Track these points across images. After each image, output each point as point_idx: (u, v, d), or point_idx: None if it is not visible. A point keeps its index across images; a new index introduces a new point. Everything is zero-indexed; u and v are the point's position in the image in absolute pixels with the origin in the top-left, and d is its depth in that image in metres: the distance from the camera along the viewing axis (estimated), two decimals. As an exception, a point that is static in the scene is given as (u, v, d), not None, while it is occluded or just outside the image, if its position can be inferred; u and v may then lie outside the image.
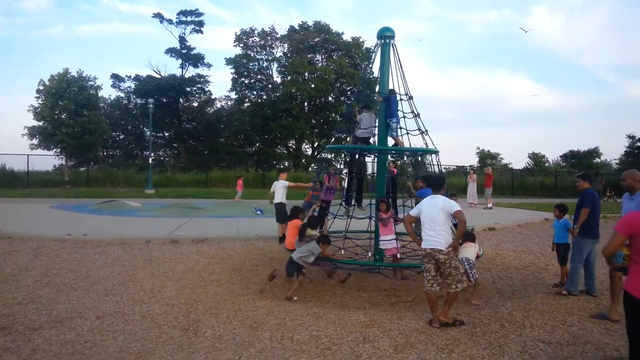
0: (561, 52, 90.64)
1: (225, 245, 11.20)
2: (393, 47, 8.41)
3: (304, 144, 48.22)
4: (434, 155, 8.43)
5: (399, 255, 8.40)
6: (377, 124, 8.65)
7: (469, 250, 7.10)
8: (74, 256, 9.87)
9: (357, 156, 9.64)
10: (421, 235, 5.92)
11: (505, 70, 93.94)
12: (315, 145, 48.82)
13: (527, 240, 13.26)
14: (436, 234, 5.68)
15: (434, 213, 5.74)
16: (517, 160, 78.06)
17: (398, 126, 8.29)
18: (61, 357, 4.75)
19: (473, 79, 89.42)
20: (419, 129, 8.34)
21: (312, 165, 36.01)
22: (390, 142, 8.44)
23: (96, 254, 10.11)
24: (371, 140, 8.83)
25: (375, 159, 8.80)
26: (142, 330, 5.51)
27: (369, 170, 9.71)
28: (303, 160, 47.22)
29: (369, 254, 8.59)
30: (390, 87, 8.41)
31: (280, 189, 9.28)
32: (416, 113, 8.39)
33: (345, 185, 9.78)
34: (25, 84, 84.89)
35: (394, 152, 8.65)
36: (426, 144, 8.34)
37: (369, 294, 7.59)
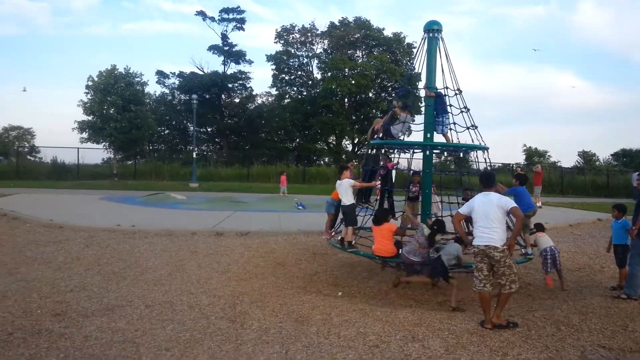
0: (610, 47, 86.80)
1: (269, 239, 11.24)
2: (441, 40, 8.16)
3: (344, 140, 48.10)
4: (482, 152, 8.14)
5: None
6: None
7: (547, 239, 7.60)
8: (123, 246, 10.13)
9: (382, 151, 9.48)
10: (472, 234, 5.72)
11: (551, 67, 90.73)
12: (355, 142, 48.61)
13: (579, 240, 12.71)
14: (491, 231, 5.48)
15: (489, 210, 5.53)
16: (566, 158, 75.43)
17: (448, 123, 8.09)
18: (112, 344, 4.83)
19: (516, 75, 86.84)
20: (470, 125, 8.07)
21: (354, 161, 35.79)
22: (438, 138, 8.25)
23: (144, 245, 10.34)
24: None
25: (421, 154, 8.58)
26: (190, 321, 5.56)
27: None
28: (343, 156, 47.07)
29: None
30: (439, 82, 8.18)
31: (346, 188, 8.28)
32: (466, 108, 8.12)
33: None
34: (74, 80, 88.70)
35: (443, 147, 8.41)
36: (477, 140, 8.07)
37: (416, 292, 7.41)
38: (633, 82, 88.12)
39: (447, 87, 8.12)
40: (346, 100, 45.88)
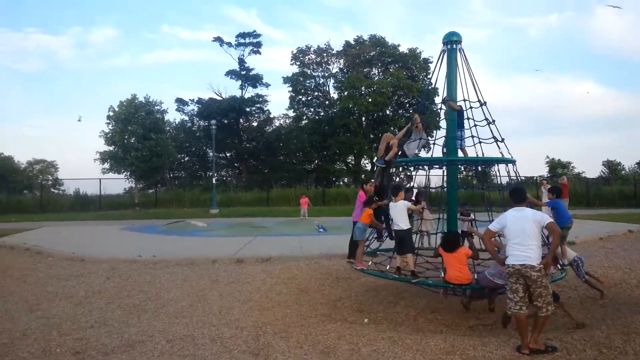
0: (628, 52, 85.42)
1: (290, 265, 11.02)
2: (461, 52, 7.98)
3: (362, 159, 47.96)
4: (510, 165, 7.85)
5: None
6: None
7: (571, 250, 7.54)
8: (144, 277, 10.02)
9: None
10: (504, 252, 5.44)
11: (569, 76, 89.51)
12: (374, 160, 48.40)
13: (611, 254, 12.18)
14: (526, 249, 5.20)
15: (525, 226, 5.26)
16: (591, 168, 73.80)
17: (464, 137, 7.88)
18: (133, 384, 4.66)
19: (534, 86, 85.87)
20: (495, 137, 7.81)
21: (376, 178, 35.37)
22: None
23: (165, 275, 10.22)
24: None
25: (444, 170, 8.35)
26: (213, 355, 5.36)
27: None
28: (362, 176, 46.85)
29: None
30: (459, 94, 7.96)
31: (402, 211, 7.47)
32: (491, 120, 7.87)
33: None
34: (95, 111, 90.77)
35: (468, 162, 8.14)
36: (505, 153, 7.79)
37: (445, 316, 7.10)
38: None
39: (465, 100, 7.89)
40: (363, 118, 45.88)
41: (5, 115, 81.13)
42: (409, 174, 9.57)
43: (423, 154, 11.45)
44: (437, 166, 8.67)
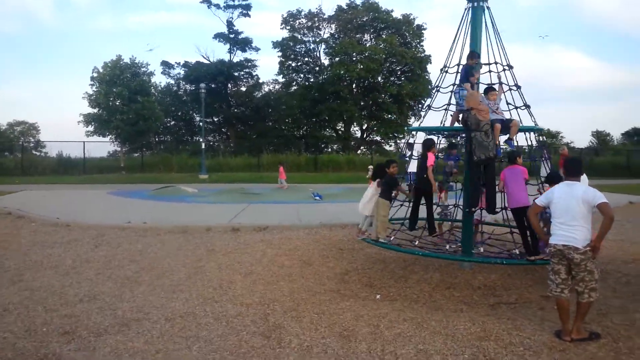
0: (619, 24, 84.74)
1: (289, 234, 10.49)
2: (487, 10, 7.28)
3: (352, 127, 47.23)
4: (533, 134, 7.30)
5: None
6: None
7: None
8: (135, 246, 9.43)
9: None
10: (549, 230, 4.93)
11: (558, 45, 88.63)
12: (364, 128, 47.70)
13: (620, 227, 11.81)
14: (572, 229, 4.68)
15: (572, 203, 4.72)
16: (579, 139, 73.97)
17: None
18: (131, 370, 4.12)
19: (523, 55, 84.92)
20: (523, 104, 7.22)
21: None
22: None
23: (157, 243, 9.63)
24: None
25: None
26: (219, 338, 4.82)
27: None
28: (352, 143, 46.26)
29: (447, 245, 7.60)
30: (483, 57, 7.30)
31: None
32: (516, 85, 7.26)
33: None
34: (79, 73, 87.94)
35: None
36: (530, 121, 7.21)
37: (462, 293, 6.64)
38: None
39: (496, 62, 7.24)
40: (354, 85, 44.91)
41: (-17, 76, 78.10)
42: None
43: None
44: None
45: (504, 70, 7.27)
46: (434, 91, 7.95)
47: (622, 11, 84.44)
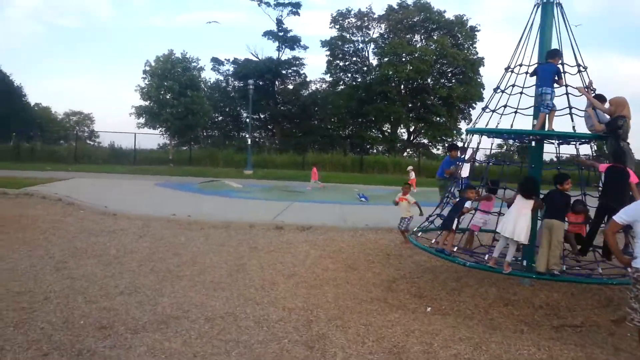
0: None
1: (334, 235, 10.14)
2: (558, 7, 6.68)
3: (399, 128, 46.42)
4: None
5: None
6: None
7: None
8: (178, 238, 9.33)
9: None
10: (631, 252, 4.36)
11: (616, 53, 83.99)
12: (411, 130, 46.81)
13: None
14: None
15: None
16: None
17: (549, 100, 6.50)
18: (167, 373, 3.88)
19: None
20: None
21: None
22: None
23: (201, 237, 9.51)
24: None
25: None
26: (259, 344, 4.53)
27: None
28: (398, 145, 45.50)
29: (486, 256, 6.93)
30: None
31: None
32: (591, 88, 6.62)
33: None
34: (133, 67, 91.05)
35: (562, 137, 6.84)
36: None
37: (521, 311, 6.10)
38: None
39: (563, 63, 6.58)
40: (402, 86, 44.14)
41: (46, 68, 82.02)
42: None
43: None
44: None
45: (579, 71, 6.64)
46: (498, 92, 7.36)
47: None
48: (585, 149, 8.01)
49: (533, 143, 6.93)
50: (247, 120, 36.37)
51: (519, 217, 5.86)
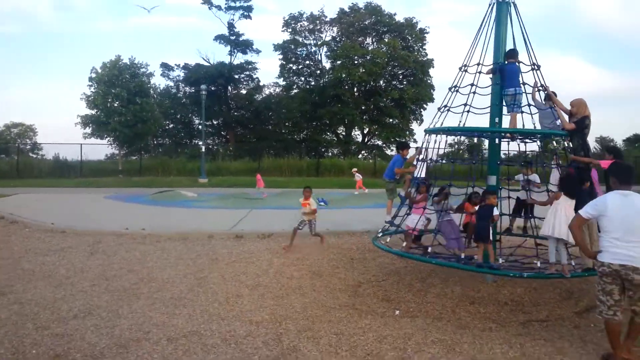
0: (618, 31, 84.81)
1: (295, 242, 9.95)
2: (513, 6, 6.82)
3: (353, 131, 46.75)
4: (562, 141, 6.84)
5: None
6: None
7: None
8: (133, 254, 8.91)
9: None
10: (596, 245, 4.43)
11: (557, 51, 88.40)
12: (365, 132, 47.22)
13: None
14: (630, 246, 4.14)
15: (631, 217, 4.18)
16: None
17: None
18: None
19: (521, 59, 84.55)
20: (550, 106, 6.74)
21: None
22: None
23: (157, 251, 9.12)
24: None
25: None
26: (228, 363, 4.32)
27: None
28: (353, 147, 45.78)
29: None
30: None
31: None
32: (543, 87, 6.78)
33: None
34: (78, 75, 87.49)
35: (513, 133, 7.01)
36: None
37: (488, 309, 6.14)
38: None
39: (519, 62, 6.74)
40: (356, 89, 44.49)
41: (-20, 77, 77.59)
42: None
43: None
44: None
45: (533, 69, 6.79)
46: (452, 91, 7.43)
47: (618, 17, 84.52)
48: (532, 146, 8.32)
49: (497, 140, 7.06)
50: (200, 127, 35.51)
51: (568, 217, 5.44)
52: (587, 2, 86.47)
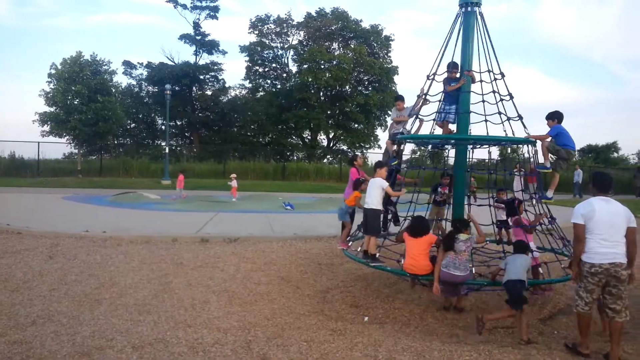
0: (573, 45, 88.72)
1: (263, 247, 9.89)
2: (479, 16, 6.99)
3: (319, 135, 46.83)
4: (529, 147, 7.05)
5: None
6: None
7: None
8: (93, 257, 8.62)
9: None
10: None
11: (515, 64, 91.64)
12: (331, 136, 47.40)
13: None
14: (615, 245, 4.59)
15: (617, 221, 4.63)
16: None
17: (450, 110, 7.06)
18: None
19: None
20: (517, 115, 6.94)
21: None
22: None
23: (119, 255, 8.85)
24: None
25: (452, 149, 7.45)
26: (196, 372, 4.21)
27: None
28: (319, 151, 45.87)
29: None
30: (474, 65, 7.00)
31: (375, 189, 6.55)
32: (509, 95, 6.98)
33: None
34: (36, 71, 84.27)
35: (477, 141, 7.16)
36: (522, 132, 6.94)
37: (454, 315, 6.24)
38: (593, 79, 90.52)
39: (490, 71, 6.94)
40: (322, 93, 44.62)
41: None
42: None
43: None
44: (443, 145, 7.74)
45: (496, 79, 6.98)
46: (422, 99, 7.56)
47: (571, 32, 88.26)
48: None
49: (470, 147, 7.26)
50: (163, 127, 34.77)
51: None
52: (545, 15, 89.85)
